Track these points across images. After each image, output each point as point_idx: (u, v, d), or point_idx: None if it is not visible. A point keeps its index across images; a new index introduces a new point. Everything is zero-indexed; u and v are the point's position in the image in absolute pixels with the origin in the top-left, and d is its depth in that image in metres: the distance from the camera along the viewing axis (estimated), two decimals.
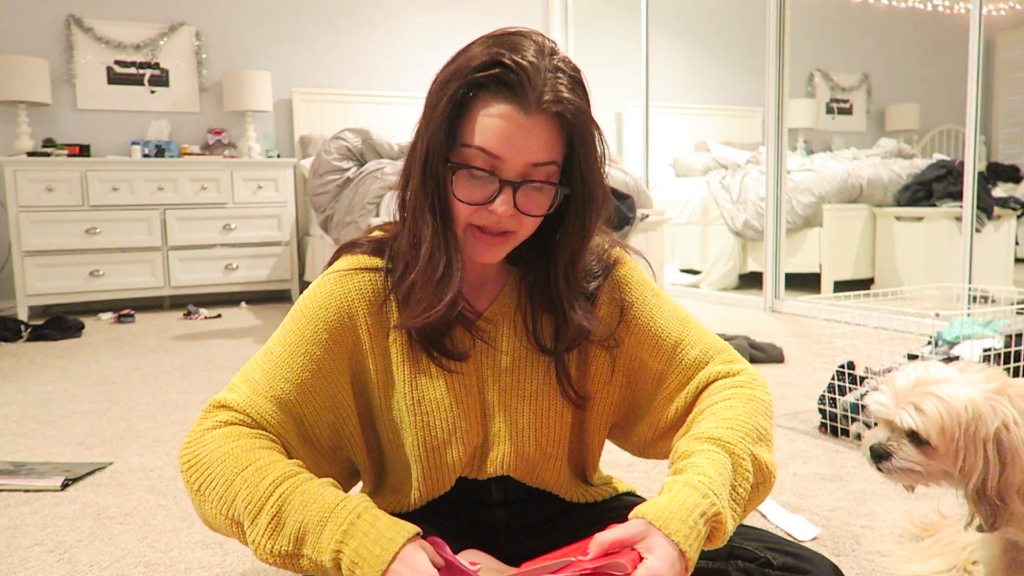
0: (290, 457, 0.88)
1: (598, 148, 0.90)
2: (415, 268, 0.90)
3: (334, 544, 0.75)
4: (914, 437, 0.98)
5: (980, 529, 0.99)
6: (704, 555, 0.89)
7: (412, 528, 0.76)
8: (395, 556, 0.73)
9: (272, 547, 0.77)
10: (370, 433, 0.97)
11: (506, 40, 0.86)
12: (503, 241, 0.89)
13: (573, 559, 0.75)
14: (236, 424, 0.87)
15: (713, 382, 0.95)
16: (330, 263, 0.98)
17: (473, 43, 0.88)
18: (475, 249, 0.90)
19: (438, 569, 0.74)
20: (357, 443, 0.96)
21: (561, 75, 0.85)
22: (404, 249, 0.92)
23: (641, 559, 0.73)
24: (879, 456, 1.01)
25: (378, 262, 0.95)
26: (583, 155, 0.88)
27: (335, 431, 0.94)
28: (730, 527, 0.79)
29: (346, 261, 0.96)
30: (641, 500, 1.01)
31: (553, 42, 0.89)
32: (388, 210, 3.35)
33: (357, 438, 0.96)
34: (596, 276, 0.99)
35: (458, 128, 0.86)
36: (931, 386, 0.97)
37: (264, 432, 0.87)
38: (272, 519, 0.77)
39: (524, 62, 0.84)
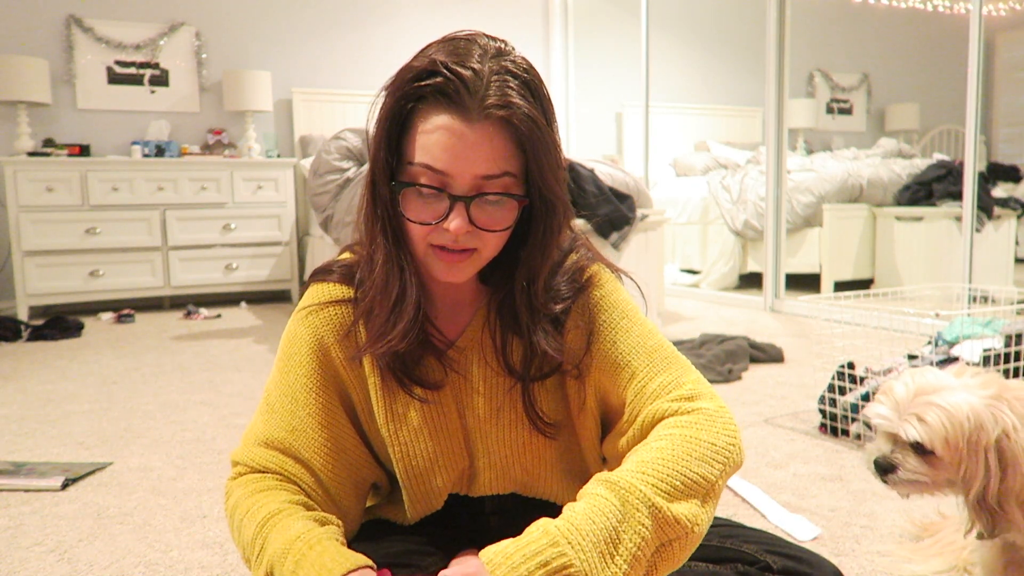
0: (318, 482, 0.89)
1: (555, 155, 0.83)
2: (372, 294, 0.87)
3: (288, 574, 0.74)
4: (918, 448, 0.99)
5: (980, 536, 0.99)
6: (699, 557, 0.88)
7: (358, 560, 0.74)
8: None
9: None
10: (372, 454, 0.97)
11: (449, 46, 0.80)
12: (466, 258, 0.83)
13: None
14: (245, 474, 0.89)
15: (662, 419, 0.84)
16: (303, 291, 0.97)
17: (421, 50, 0.83)
18: (438, 269, 0.84)
19: None
20: (368, 463, 0.95)
21: (509, 77, 0.79)
22: (365, 274, 0.89)
23: None
24: (884, 469, 1.02)
25: (345, 291, 0.92)
26: (536, 165, 0.81)
27: (349, 456, 0.93)
28: None
29: (313, 294, 0.93)
30: None
31: (504, 42, 0.83)
32: None
33: (366, 459, 0.95)
34: (565, 299, 0.91)
35: (402, 145, 0.82)
36: (931, 395, 0.98)
37: (269, 474, 0.88)
38: (258, 555, 0.78)
39: (463, 69, 0.77)
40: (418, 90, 0.79)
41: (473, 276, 0.89)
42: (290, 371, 0.92)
